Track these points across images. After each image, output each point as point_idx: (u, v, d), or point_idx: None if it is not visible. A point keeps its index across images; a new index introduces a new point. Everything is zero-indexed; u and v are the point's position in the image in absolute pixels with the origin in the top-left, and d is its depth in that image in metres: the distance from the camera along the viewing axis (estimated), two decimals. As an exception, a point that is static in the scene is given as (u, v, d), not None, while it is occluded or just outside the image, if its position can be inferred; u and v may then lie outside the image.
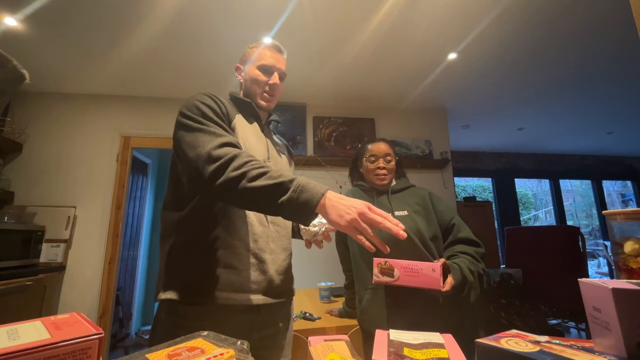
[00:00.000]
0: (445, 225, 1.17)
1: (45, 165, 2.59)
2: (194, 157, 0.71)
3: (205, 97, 0.82)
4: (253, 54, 0.95)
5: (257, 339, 0.80)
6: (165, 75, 2.54)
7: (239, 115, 0.90)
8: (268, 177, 0.65)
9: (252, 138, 0.88)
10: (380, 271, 0.97)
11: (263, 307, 0.81)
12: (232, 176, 0.66)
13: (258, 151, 0.87)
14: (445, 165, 3.16)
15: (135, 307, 3.42)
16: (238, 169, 0.66)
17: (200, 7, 1.80)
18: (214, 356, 0.33)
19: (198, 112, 0.78)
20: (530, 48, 2.27)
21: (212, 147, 0.70)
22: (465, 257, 1.07)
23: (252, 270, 0.79)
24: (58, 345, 0.29)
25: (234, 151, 0.69)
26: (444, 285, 0.92)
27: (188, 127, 0.76)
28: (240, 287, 0.77)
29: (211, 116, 0.78)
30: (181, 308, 0.74)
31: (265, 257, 0.82)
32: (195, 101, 0.80)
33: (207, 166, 0.68)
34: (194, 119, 0.76)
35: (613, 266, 0.62)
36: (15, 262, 2.07)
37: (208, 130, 0.74)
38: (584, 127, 4.00)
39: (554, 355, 0.36)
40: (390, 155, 1.24)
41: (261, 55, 0.93)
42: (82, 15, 1.84)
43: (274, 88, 0.93)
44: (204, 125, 0.75)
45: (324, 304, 1.89)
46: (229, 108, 0.86)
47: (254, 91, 0.94)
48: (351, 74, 2.59)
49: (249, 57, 0.96)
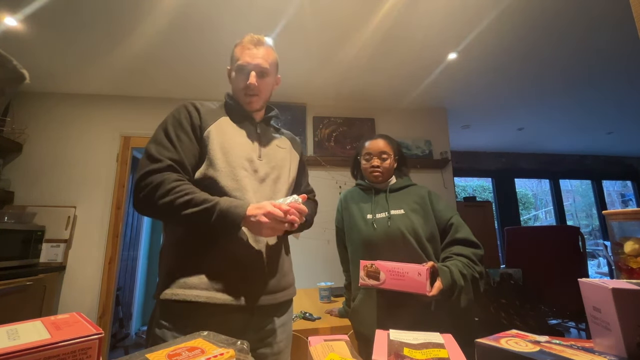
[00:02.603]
0: (444, 224, 1.13)
1: (45, 165, 2.59)
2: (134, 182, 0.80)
3: (180, 110, 0.87)
4: (235, 54, 0.93)
5: (255, 340, 0.80)
6: (166, 75, 2.54)
7: (224, 118, 0.90)
8: (193, 205, 0.73)
9: (237, 139, 0.88)
10: (366, 274, 0.96)
11: (258, 307, 0.80)
12: (159, 204, 0.73)
13: (241, 152, 0.86)
14: (445, 165, 3.16)
15: (135, 307, 3.42)
16: (163, 197, 0.73)
17: (200, 7, 1.80)
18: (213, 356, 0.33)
19: (162, 126, 0.84)
20: (530, 48, 2.27)
21: (142, 173, 0.76)
22: (459, 260, 1.02)
23: (244, 270, 0.79)
24: (58, 345, 0.29)
25: (159, 179, 0.75)
26: (431, 289, 0.89)
27: (148, 141, 0.83)
28: (231, 286, 0.77)
29: (170, 132, 0.82)
30: (173, 307, 0.75)
31: (260, 257, 0.81)
32: (169, 116, 0.86)
33: (135, 194, 0.77)
34: (154, 134, 0.83)
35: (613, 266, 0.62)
36: (15, 262, 2.07)
37: (151, 152, 0.79)
38: (584, 127, 4.00)
39: (554, 355, 0.36)
40: (386, 153, 1.21)
41: (239, 54, 0.91)
42: (82, 15, 1.84)
43: (253, 88, 0.90)
44: (155, 143, 0.81)
45: (324, 304, 1.89)
46: (206, 115, 0.87)
47: (236, 94, 0.94)
48: (351, 74, 2.59)
49: (231, 58, 0.94)
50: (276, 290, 0.85)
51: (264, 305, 0.81)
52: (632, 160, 5.47)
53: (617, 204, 6.28)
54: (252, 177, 0.86)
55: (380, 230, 1.13)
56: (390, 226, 1.11)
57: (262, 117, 1.00)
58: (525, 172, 5.17)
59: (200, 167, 0.83)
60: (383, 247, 1.11)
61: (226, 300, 0.76)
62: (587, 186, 5.78)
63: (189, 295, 0.74)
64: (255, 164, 0.88)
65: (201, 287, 0.75)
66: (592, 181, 5.44)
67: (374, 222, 1.15)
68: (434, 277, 0.94)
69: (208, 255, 0.78)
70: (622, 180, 5.70)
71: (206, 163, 0.82)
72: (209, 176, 0.81)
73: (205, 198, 0.74)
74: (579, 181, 6.07)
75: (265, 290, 0.82)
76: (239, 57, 0.91)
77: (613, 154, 5.33)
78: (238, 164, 0.84)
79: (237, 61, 0.91)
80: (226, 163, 0.83)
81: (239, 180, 0.83)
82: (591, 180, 5.44)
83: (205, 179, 0.81)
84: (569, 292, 2.42)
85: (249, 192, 0.83)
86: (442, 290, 0.92)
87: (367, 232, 1.14)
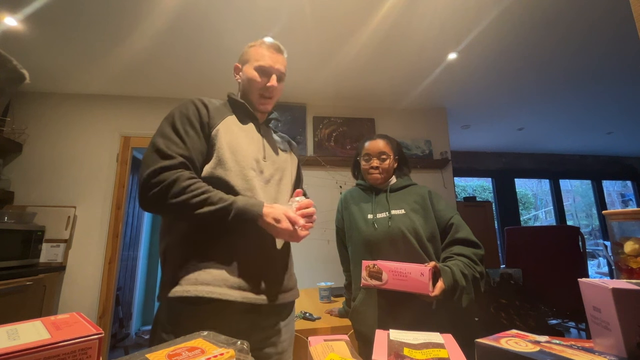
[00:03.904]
0: (444, 224, 1.13)
1: (45, 165, 2.59)
2: (139, 177, 0.77)
3: (188, 105, 0.85)
4: (252, 54, 0.93)
5: (258, 340, 0.80)
6: (166, 75, 2.54)
7: (231, 117, 0.89)
8: (209, 204, 0.73)
9: (244, 139, 0.87)
10: (368, 274, 0.96)
11: (268, 307, 0.80)
12: (172, 202, 0.72)
13: (249, 152, 0.86)
14: (445, 165, 3.16)
15: (135, 307, 3.42)
16: (178, 196, 0.72)
17: (200, 7, 1.80)
18: (214, 356, 0.33)
19: (169, 120, 0.82)
20: (530, 48, 2.27)
21: (152, 170, 0.74)
22: (460, 260, 1.02)
23: (249, 269, 0.79)
24: (58, 345, 0.29)
25: (172, 176, 0.73)
26: (433, 289, 0.90)
27: (154, 135, 0.80)
28: (237, 286, 0.76)
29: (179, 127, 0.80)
30: (178, 307, 0.74)
31: (263, 257, 0.82)
32: (176, 110, 0.84)
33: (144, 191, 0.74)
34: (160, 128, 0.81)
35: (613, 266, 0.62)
36: (15, 262, 2.07)
37: (160, 147, 0.77)
38: (584, 127, 4.00)
39: (554, 355, 0.36)
40: (386, 153, 1.20)
41: (259, 56, 0.91)
42: (82, 15, 1.84)
43: (272, 90, 0.92)
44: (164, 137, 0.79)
45: (324, 304, 1.89)
46: (214, 113, 0.86)
47: (251, 93, 0.93)
48: (351, 74, 2.59)
49: (247, 57, 0.94)
50: (286, 290, 0.86)
51: (275, 304, 0.82)
52: (632, 160, 5.47)
53: (617, 204, 6.28)
54: (259, 177, 0.86)
55: (380, 230, 1.13)
56: (391, 226, 1.11)
57: (264, 119, 1.00)
58: (525, 172, 5.17)
59: (205, 165, 0.82)
60: (384, 247, 1.11)
61: (239, 297, 0.75)
62: (587, 186, 5.78)
63: (202, 291, 0.72)
64: (261, 164, 0.88)
65: (214, 283, 0.74)
66: (592, 181, 5.44)
67: (374, 222, 1.15)
68: (435, 277, 0.94)
69: (220, 252, 0.78)
70: (622, 180, 5.70)
71: (214, 161, 0.81)
72: (217, 175, 0.81)
73: (221, 197, 0.75)
74: (579, 181, 6.07)
75: (281, 288, 0.84)
76: (261, 58, 0.91)
77: (613, 154, 5.33)
78: (247, 164, 0.84)
79: (257, 61, 0.91)
80: (235, 162, 0.82)
81: (249, 180, 0.83)
82: (591, 180, 5.44)
83: (214, 177, 0.80)
84: (569, 292, 2.42)
85: (258, 192, 0.83)
86: (444, 291, 0.92)
87: (368, 232, 1.14)
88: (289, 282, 0.89)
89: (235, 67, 0.98)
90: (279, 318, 0.85)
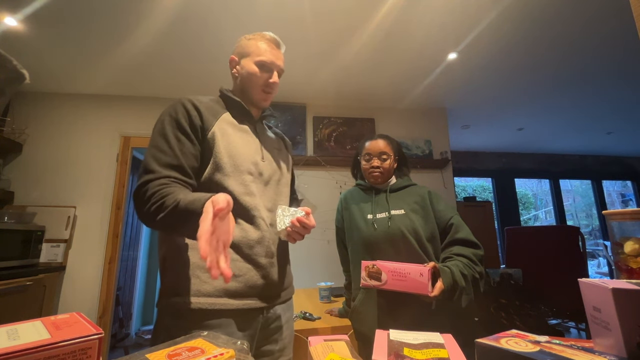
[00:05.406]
0: (444, 224, 1.12)
1: (45, 165, 2.59)
2: None
3: (177, 107, 0.81)
4: (250, 47, 0.89)
5: (263, 337, 0.81)
6: (165, 75, 2.54)
7: (225, 114, 0.86)
8: (163, 209, 0.68)
9: (240, 141, 0.85)
10: (368, 275, 0.96)
11: (265, 309, 0.81)
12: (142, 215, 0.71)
13: (247, 155, 0.85)
14: (445, 165, 3.16)
15: (135, 307, 3.42)
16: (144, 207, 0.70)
17: (200, 7, 1.80)
18: (213, 356, 0.33)
19: (159, 128, 0.79)
20: (530, 48, 2.27)
21: (136, 187, 0.73)
22: (459, 260, 1.02)
23: (248, 275, 0.78)
24: (58, 345, 0.29)
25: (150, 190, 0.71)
26: (432, 290, 0.90)
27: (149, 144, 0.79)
28: (238, 294, 0.76)
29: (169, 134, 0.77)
30: (180, 316, 0.73)
31: (261, 262, 0.81)
32: (165, 114, 0.80)
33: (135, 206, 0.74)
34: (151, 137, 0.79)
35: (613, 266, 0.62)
36: (15, 262, 2.07)
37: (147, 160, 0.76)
38: (583, 127, 4.00)
39: (554, 355, 0.36)
40: (386, 153, 1.20)
41: (260, 50, 0.88)
42: (82, 15, 1.84)
43: (274, 87, 0.90)
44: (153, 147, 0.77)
45: (324, 304, 1.89)
46: (207, 113, 0.82)
47: (252, 88, 0.90)
48: (351, 74, 2.59)
49: (245, 50, 0.90)
50: (285, 287, 0.87)
51: (277, 303, 0.83)
52: (632, 160, 5.47)
53: (617, 204, 6.28)
54: (258, 180, 0.85)
55: (380, 230, 1.13)
56: (391, 226, 1.11)
57: (259, 115, 0.97)
58: (525, 172, 5.17)
59: (203, 170, 0.80)
60: (383, 247, 1.11)
61: (241, 305, 0.76)
62: (587, 186, 5.78)
63: (204, 303, 0.72)
64: (259, 166, 0.87)
65: (216, 294, 0.73)
66: (592, 181, 5.44)
67: (374, 222, 1.15)
68: (434, 277, 0.94)
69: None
70: (622, 180, 5.70)
71: (211, 166, 0.79)
72: (215, 180, 0.79)
73: (176, 198, 0.66)
74: (579, 181, 6.07)
75: (281, 288, 0.85)
76: (262, 53, 0.88)
77: (613, 154, 5.33)
78: (245, 167, 0.83)
79: (258, 56, 0.87)
80: (234, 167, 0.81)
81: (248, 185, 0.82)
82: (591, 180, 5.44)
83: (212, 182, 0.79)
84: (569, 292, 2.41)
85: (256, 195, 0.82)
86: (443, 291, 0.92)
87: (368, 232, 1.14)
88: (287, 280, 0.90)
89: (232, 59, 0.93)
90: (280, 315, 0.86)
